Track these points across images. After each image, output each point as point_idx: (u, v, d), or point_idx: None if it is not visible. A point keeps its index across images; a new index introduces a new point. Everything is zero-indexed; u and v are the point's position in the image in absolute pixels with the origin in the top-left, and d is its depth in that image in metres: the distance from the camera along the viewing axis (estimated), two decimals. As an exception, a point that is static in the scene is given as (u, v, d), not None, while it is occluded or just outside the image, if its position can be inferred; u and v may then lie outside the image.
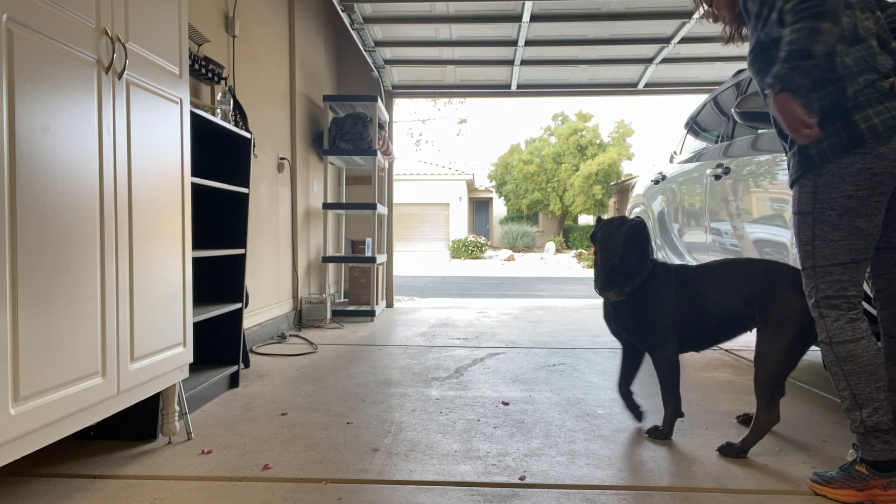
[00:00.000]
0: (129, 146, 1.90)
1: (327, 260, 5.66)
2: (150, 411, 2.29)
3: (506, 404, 2.81)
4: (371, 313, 5.59)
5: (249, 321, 4.02)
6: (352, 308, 5.66)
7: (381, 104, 5.73)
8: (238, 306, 3.10)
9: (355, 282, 5.93)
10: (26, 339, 1.48)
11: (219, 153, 3.08)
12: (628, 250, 2.38)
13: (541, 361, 3.78)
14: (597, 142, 25.41)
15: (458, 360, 3.78)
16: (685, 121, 4.63)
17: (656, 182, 4.73)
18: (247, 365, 3.54)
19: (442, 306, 6.78)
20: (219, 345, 3.12)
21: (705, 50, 5.57)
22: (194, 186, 2.74)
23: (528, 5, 4.55)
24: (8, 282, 1.42)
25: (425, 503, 1.80)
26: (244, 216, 3.13)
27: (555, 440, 2.33)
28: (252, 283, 4.06)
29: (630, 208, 5.22)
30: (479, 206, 30.51)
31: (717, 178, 3.56)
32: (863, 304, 1.89)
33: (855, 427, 1.77)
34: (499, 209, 29.39)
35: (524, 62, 5.82)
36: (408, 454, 2.18)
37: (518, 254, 23.22)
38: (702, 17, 2.16)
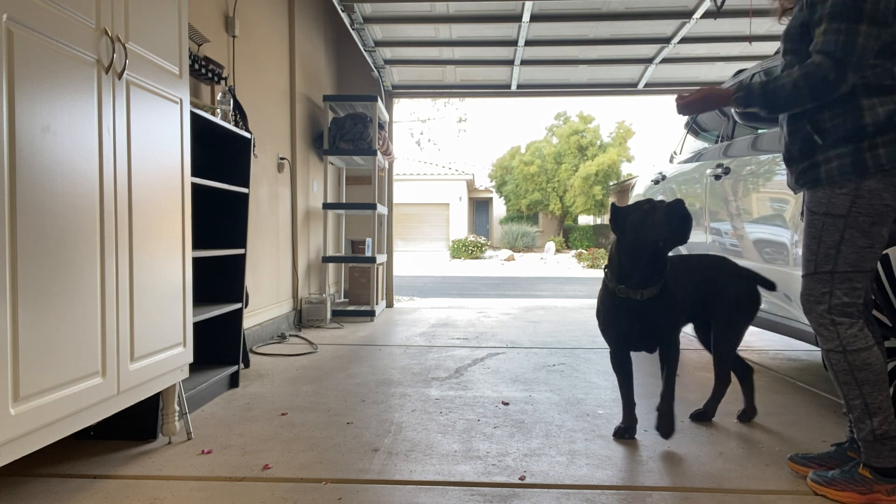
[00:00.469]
0: (129, 146, 1.90)
1: (327, 260, 5.66)
2: (150, 411, 2.29)
3: (506, 404, 2.81)
4: (371, 313, 5.59)
5: (249, 321, 4.02)
6: (352, 308, 5.66)
7: (381, 104, 5.73)
8: (238, 306, 3.10)
9: (355, 282, 5.93)
10: (26, 339, 1.48)
11: (219, 153, 3.09)
12: (672, 236, 2.11)
13: (541, 361, 3.78)
14: (597, 142, 25.41)
15: (458, 360, 3.78)
16: (685, 121, 4.63)
17: (656, 182, 4.73)
18: (247, 365, 3.54)
19: (442, 306, 6.79)
20: (219, 345, 3.12)
21: (705, 50, 5.57)
22: (194, 186, 2.74)
23: (528, 5, 4.55)
24: (8, 282, 1.42)
25: (425, 503, 1.80)
26: (244, 216, 3.13)
27: (555, 440, 2.33)
28: (252, 283, 4.06)
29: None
30: (479, 206, 30.51)
31: (717, 178, 3.56)
32: (874, 313, 1.90)
33: (863, 436, 1.74)
34: (499, 209, 29.37)
35: (524, 62, 5.82)
36: (408, 454, 2.18)
37: (518, 254, 23.22)
38: None
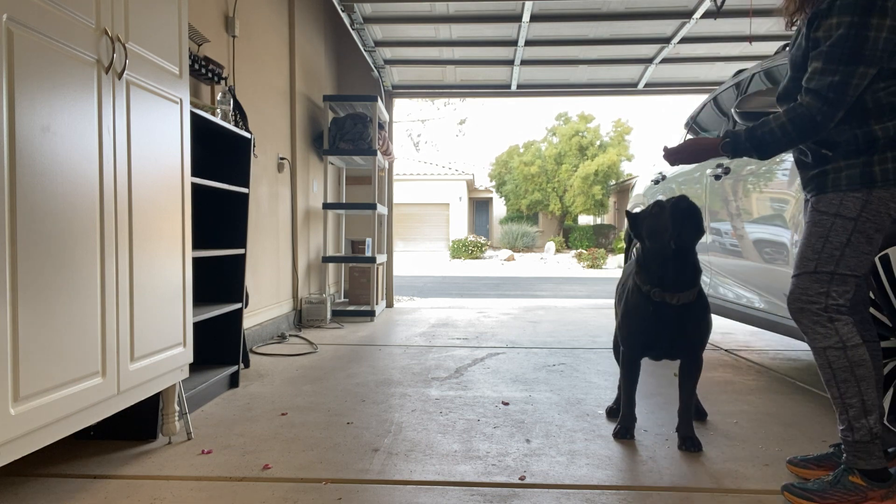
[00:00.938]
0: (129, 146, 1.90)
1: (327, 260, 5.66)
2: (150, 411, 2.29)
3: (506, 404, 2.81)
4: (371, 313, 5.59)
5: (249, 321, 4.02)
6: (352, 308, 5.66)
7: (381, 104, 5.73)
8: (238, 306, 3.10)
9: (355, 282, 5.93)
10: (26, 339, 1.48)
11: (219, 153, 3.09)
12: (683, 233, 2.09)
13: (541, 361, 3.78)
14: (597, 142, 25.40)
15: (458, 360, 3.78)
16: (685, 121, 4.63)
17: (656, 182, 4.73)
18: (247, 365, 3.54)
19: (442, 306, 6.79)
20: (219, 345, 3.12)
21: (705, 50, 5.57)
22: (194, 186, 2.74)
23: (528, 5, 4.55)
24: (8, 282, 1.42)
25: (425, 503, 1.80)
26: (244, 216, 3.13)
27: (555, 440, 2.33)
28: (252, 283, 4.06)
29: (630, 208, 5.21)
30: (479, 206, 30.50)
31: (717, 178, 3.56)
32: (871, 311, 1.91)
33: (860, 436, 1.72)
34: (499, 209, 29.36)
35: (524, 62, 5.82)
36: (408, 454, 2.18)
37: (518, 254, 23.22)
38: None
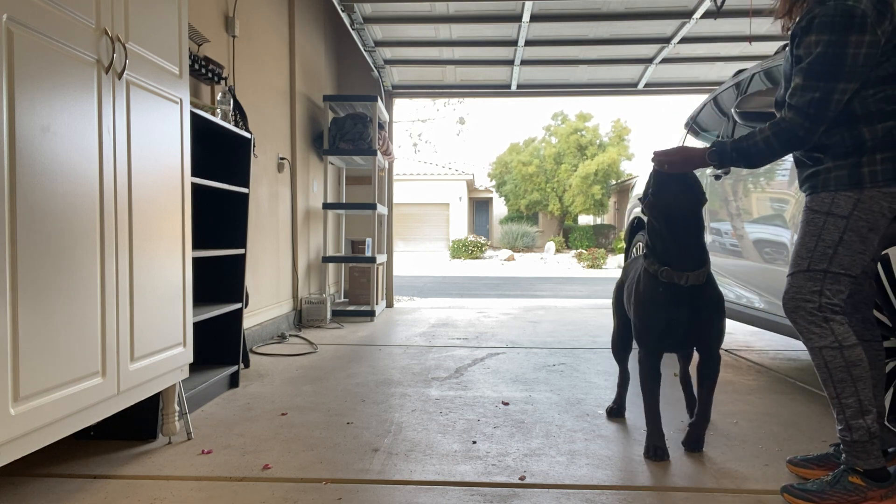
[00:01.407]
0: (129, 146, 1.90)
1: (327, 260, 5.66)
2: (150, 411, 2.29)
3: (506, 404, 2.81)
4: (371, 313, 5.59)
5: (249, 321, 4.02)
6: (352, 308, 5.66)
7: (381, 104, 5.73)
8: (238, 306, 3.10)
9: (355, 282, 5.93)
10: (26, 339, 1.48)
11: (219, 153, 3.09)
12: (703, 201, 2.03)
13: (541, 361, 3.78)
14: (596, 142, 25.39)
15: (458, 360, 3.78)
16: (685, 121, 4.63)
17: (656, 182, 4.72)
18: (247, 365, 3.54)
19: (442, 306, 6.78)
20: (219, 345, 3.12)
21: (705, 50, 5.57)
22: (194, 186, 2.74)
23: (528, 5, 4.55)
24: (8, 282, 1.42)
25: (425, 503, 1.80)
26: (244, 216, 3.13)
27: (555, 440, 2.33)
28: (252, 283, 4.06)
29: (630, 208, 5.22)
30: (479, 206, 30.51)
31: (717, 178, 3.56)
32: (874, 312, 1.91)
33: (858, 436, 1.72)
34: (499, 209, 29.36)
35: (524, 62, 5.82)
36: (408, 454, 2.18)
37: (518, 254, 23.22)
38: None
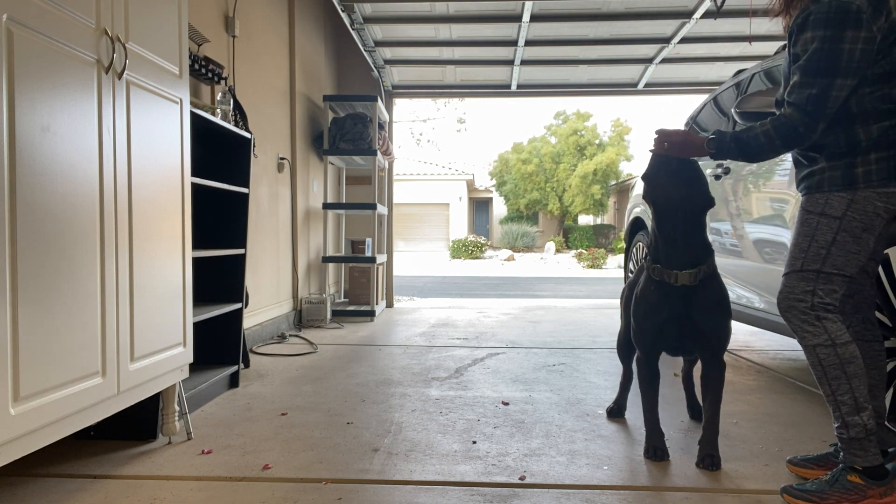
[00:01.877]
0: (129, 146, 1.90)
1: (327, 260, 5.66)
2: (150, 411, 2.29)
3: (506, 404, 2.81)
4: (371, 313, 5.59)
5: (249, 321, 4.02)
6: (352, 308, 5.66)
7: (381, 104, 5.73)
8: (238, 306, 3.10)
9: (355, 282, 5.93)
10: (26, 339, 1.48)
11: (219, 153, 3.09)
12: (708, 203, 1.89)
13: (541, 361, 3.78)
14: (596, 142, 25.39)
15: (458, 360, 3.78)
16: (685, 121, 4.63)
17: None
18: (247, 365, 3.54)
19: (442, 306, 6.78)
20: (219, 345, 3.12)
21: (705, 50, 5.57)
22: (194, 186, 2.74)
23: (528, 5, 4.55)
24: (8, 282, 1.42)
25: (425, 503, 1.80)
26: (244, 216, 3.13)
27: (555, 440, 2.33)
28: (252, 283, 4.06)
29: (630, 208, 5.22)
30: (479, 206, 30.50)
31: (717, 178, 3.56)
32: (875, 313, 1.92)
33: (855, 433, 1.72)
34: (499, 209, 29.37)
35: (524, 62, 5.82)
36: (408, 454, 2.18)
37: (518, 254, 23.21)
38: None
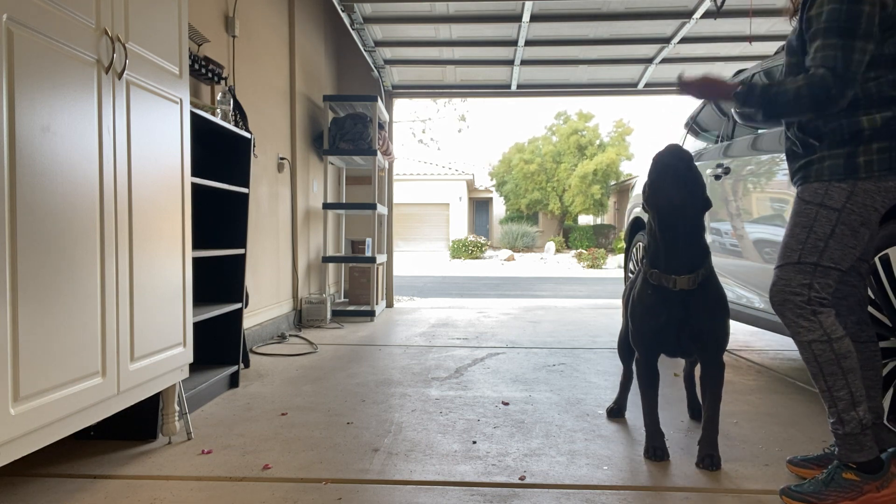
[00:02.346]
0: (129, 146, 1.90)
1: (327, 260, 5.66)
2: (150, 411, 2.29)
3: (506, 404, 2.81)
4: (371, 313, 5.59)
5: (249, 321, 4.02)
6: (352, 308, 5.66)
7: (381, 104, 5.73)
8: (238, 306, 3.10)
9: (355, 282, 5.93)
10: (26, 339, 1.48)
11: (219, 153, 3.09)
12: (706, 205, 1.87)
13: (541, 361, 3.78)
14: (596, 142, 25.39)
15: (458, 360, 3.78)
16: (685, 121, 4.63)
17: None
18: (247, 365, 3.54)
19: (442, 306, 6.78)
20: (219, 345, 3.12)
21: (705, 50, 5.58)
22: (194, 186, 2.74)
23: (528, 5, 4.55)
24: (8, 282, 1.42)
25: (425, 503, 1.80)
26: (244, 216, 3.13)
27: (555, 440, 2.33)
28: (252, 283, 4.06)
29: (630, 208, 5.22)
30: (479, 206, 30.51)
31: (718, 178, 3.56)
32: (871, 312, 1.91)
33: (851, 429, 1.72)
34: (499, 209, 29.36)
35: (524, 62, 5.82)
36: (408, 454, 2.18)
37: (518, 254, 23.21)
38: None
